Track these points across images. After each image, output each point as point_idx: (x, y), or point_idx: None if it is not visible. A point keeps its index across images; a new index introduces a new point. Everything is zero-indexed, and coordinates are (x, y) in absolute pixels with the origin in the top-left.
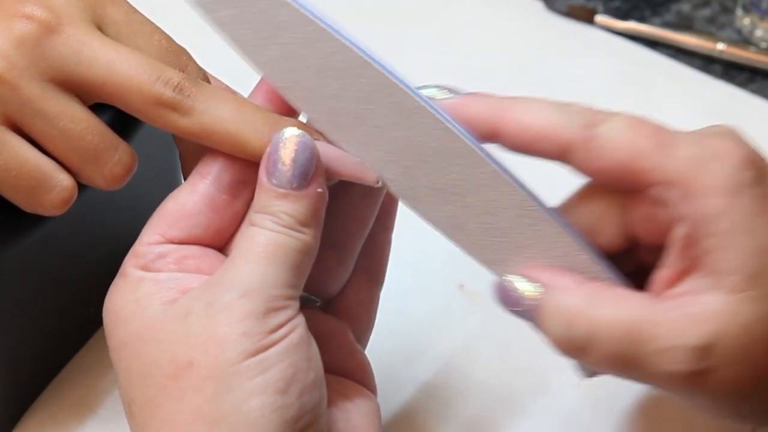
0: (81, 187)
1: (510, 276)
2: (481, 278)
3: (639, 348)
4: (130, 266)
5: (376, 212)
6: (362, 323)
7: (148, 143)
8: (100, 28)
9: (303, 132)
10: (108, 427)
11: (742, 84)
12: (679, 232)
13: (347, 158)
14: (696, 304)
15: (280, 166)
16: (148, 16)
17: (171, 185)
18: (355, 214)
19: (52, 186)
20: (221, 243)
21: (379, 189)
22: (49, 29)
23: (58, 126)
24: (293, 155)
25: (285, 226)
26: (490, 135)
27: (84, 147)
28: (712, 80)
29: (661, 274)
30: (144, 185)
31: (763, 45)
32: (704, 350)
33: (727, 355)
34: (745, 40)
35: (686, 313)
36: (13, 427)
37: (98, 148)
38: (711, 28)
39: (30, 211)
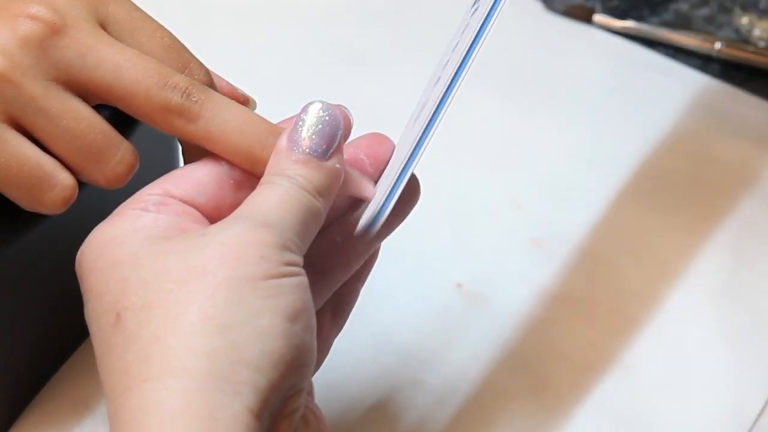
0: (80, 185)
1: None
2: (480, 278)
3: None
4: (127, 208)
5: (359, 265)
6: (318, 362)
7: (148, 142)
8: (103, 26)
9: (331, 106)
10: (107, 425)
11: (741, 83)
12: None
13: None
14: None
15: (304, 134)
16: (149, 14)
17: None
18: (338, 263)
19: (53, 184)
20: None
21: (369, 244)
22: (54, 30)
23: (61, 124)
24: (320, 127)
25: (301, 187)
26: None
27: (86, 146)
28: (710, 80)
29: None
30: (143, 184)
31: (762, 44)
32: None
33: None
34: (743, 40)
35: None
36: (12, 426)
37: (101, 147)
38: (709, 27)
39: (30, 209)
